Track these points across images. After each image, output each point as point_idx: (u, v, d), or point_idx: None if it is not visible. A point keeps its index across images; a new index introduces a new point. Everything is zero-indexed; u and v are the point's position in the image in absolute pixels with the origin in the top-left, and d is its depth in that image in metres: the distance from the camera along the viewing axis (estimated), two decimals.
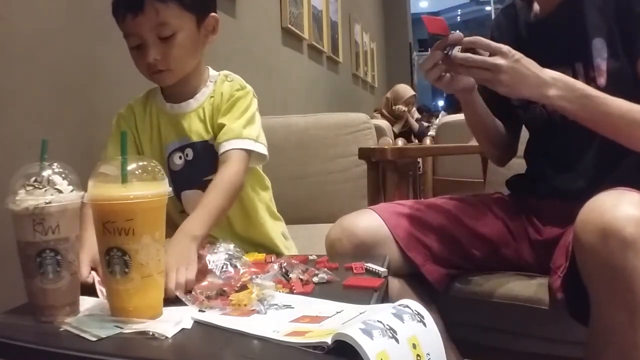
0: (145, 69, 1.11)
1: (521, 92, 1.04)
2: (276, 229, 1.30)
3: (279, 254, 1.17)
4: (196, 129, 1.15)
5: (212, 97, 1.17)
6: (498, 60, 1.01)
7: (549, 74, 1.04)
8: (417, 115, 5.68)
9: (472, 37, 1.04)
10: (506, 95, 1.07)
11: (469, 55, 1.03)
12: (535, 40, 1.14)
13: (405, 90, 5.28)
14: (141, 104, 1.21)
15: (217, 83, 1.18)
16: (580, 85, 1.05)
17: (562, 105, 1.05)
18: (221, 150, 1.10)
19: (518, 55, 1.02)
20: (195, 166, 1.15)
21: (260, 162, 1.21)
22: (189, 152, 1.16)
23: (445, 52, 1.06)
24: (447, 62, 1.07)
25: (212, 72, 1.22)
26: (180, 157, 1.16)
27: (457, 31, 1.06)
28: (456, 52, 1.05)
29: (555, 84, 1.03)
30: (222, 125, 1.13)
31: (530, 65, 1.03)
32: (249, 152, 1.12)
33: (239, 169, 1.08)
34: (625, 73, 1.09)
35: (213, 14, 1.15)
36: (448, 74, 1.10)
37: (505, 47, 1.02)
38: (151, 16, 1.04)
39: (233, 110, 1.14)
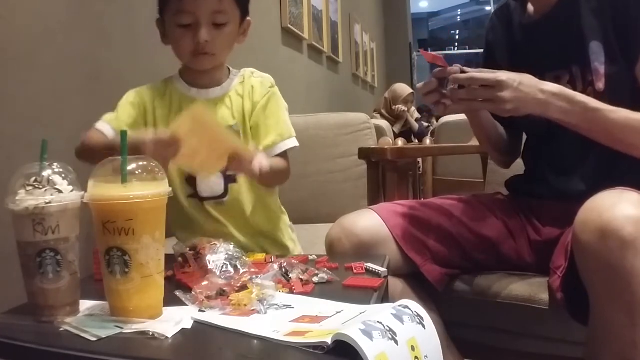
0: (189, 49, 1.15)
1: (525, 112, 1.05)
2: (285, 221, 1.34)
3: (284, 247, 1.28)
4: (222, 115, 1.21)
5: (238, 88, 1.24)
6: (498, 92, 1.01)
7: (550, 89, 1.04)
8: (417, 114, 5.66)
9: (469, 75, 1.03)
10: (512, 115, 1.07)
11: (469, 90, 1.03)
12: (531, 44, 1.14)
13: (403, 88, 5.25)
14: (160, 88, 1.25)
15: (245, 77, 1.25)
16: (580, 97, 1.04)
17: (562, 119, 1.05)
18: (275, 152, 1.20)
19: (518, 80, 1.02)
20: None
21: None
22: None
23: (444, 88, 1.06)
24: (447, 93, 1.06)
25: (231, 68, 1.28)
26: None
27: (456, 65, 1.05)
28: (454, 88, 1.04)
29: (556, 100, 1.03)
30: (268, 124, 1.21)
31: (530, 85, 1.02)
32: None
33: (288, 165, 1.23)
34: (623, 77, 1.09)
35: (249, 18, 1.24)
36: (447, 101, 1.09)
37: (504, 77, 1.01)
38: (214, 1, 1.12)
39: (273, 108, 1.23)
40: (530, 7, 1.24)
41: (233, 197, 1.21)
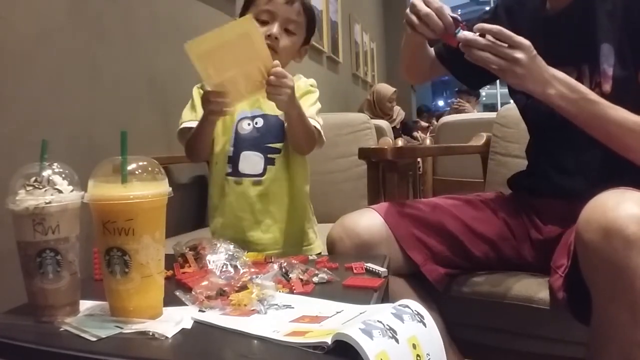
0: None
1: (527, 86, 1.05)
2: (311, 211, 1.40)
3: (307, 237, 1.34)
4: (270, 105, 1.28)
5: None
6: (518, 53, 1.01)
7: (553, 72, 1.04)
8: (402, 114, 5.52)
9: (495, 27, 1.03)
10: (512, 86, 1.08)
11: (490, 41, 1.02)
12: (543, 36, 1.13)
13: (387, 88, 5.07)
14: None
15: (294, 79, 1.30)
16: (582, 88, 1.05)
17: (560, 104, 1.05)
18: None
19: (534, 52, 1.02)
20: (262, 133, 1.30)
21: (320, 146, 1.37)
22: (259, 121, 1.31)
23: (456, 31, 1.05)
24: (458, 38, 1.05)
25: None
26: (248, 124, 1.31)
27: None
28: (473, 35, 1.03)
29: (557, 83, 1.03)
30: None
31: (541, 63, 1.03)
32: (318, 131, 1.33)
33: (320, 134, 1.33)
34: (631, 83, 1.09)
35: (307, 46, 1.37)
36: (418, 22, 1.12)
37: (526, 42, 1.02)
38: (294, 10, 1.28)
39: (309, 99, 1.35)
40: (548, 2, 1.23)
41: (270, 177, 1.28)
